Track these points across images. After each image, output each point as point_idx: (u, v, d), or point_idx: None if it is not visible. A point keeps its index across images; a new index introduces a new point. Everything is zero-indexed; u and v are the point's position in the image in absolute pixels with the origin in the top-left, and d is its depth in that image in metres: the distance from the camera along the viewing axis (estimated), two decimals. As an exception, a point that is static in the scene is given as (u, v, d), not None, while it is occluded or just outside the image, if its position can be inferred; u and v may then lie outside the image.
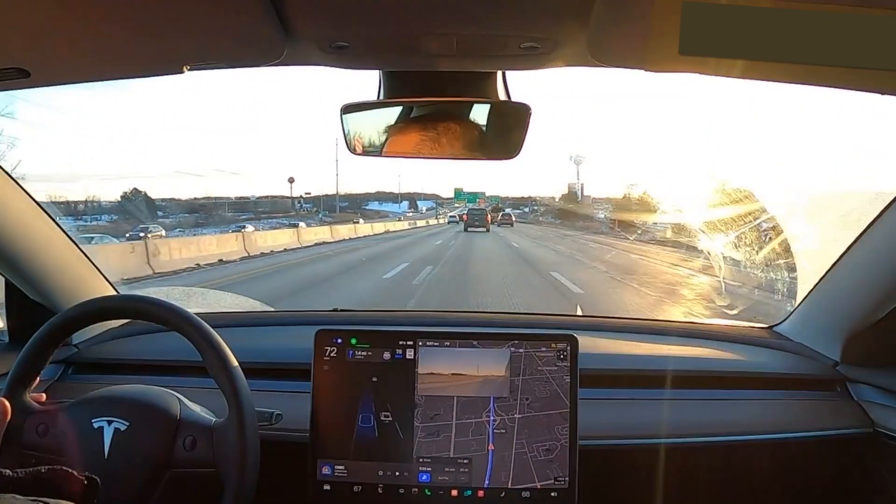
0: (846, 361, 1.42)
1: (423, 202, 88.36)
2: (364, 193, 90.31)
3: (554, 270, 12.38)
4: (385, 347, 1.18)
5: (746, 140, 13.89)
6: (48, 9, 0.78)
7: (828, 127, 4.58)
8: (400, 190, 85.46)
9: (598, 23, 0.82)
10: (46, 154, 43.17)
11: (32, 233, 1.36)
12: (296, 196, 65.33)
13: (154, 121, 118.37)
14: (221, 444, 1.03)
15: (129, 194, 47.14)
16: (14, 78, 0.97)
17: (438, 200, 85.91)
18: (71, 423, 1.05)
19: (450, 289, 10.14)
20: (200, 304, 4.22)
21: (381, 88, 1.11)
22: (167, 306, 1.07)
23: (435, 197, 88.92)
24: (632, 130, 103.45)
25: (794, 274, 1.68)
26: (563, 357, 1.17)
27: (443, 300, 8.82)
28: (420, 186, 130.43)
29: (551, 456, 1.14)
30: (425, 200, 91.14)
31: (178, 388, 1.13)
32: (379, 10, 0.84)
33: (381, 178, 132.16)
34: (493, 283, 10.60)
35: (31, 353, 1.06)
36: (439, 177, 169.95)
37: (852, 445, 1.32)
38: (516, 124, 1.11)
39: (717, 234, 4.91)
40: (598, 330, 1.62)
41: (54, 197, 30.23)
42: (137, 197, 45.07)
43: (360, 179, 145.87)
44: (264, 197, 75.11)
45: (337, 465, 1.16)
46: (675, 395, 1.38)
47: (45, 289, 1.43)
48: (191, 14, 0.82)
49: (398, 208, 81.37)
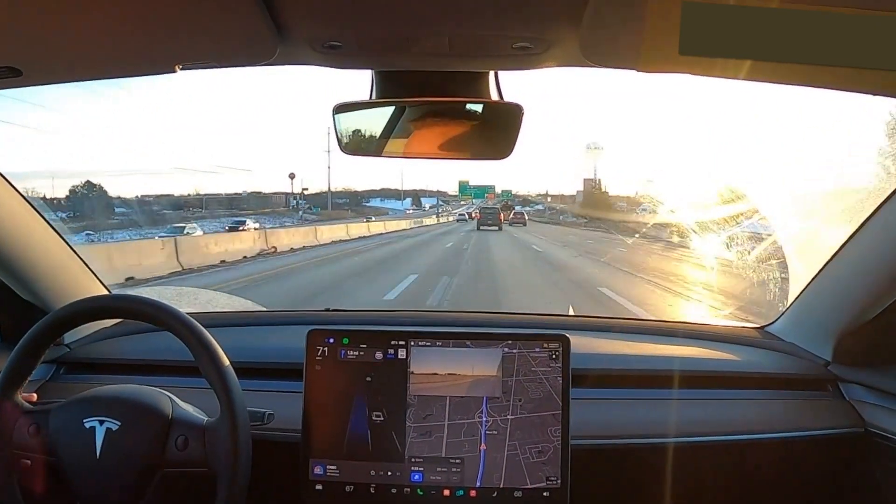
0: (837, 361, 1.43)
1: (427, 199, 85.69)
2: (368, 190, 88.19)
3: (603, 285, 9.75)
4: (377, 347, 1.18)
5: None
6: (40, 8, 0.78)
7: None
8: (403, 187, 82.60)
9: (591, 24, 0.82)
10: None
11: (24, 232, 1.36)
12: (291, 192, 63.64)
13: (145, 114, 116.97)
14: (213, 444, 1.03)
15: (82, 188, 44.28)
16: (5, 77, 0.97)
17: (444, 197, 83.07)
18: (63, 423, 1.05)
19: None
20: (192, 303, 4.21)
21: (374, 88, 1.11)
22: (159, 306, 1.07)
23: (440, 194, 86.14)
24: (650, 125, 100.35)
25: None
26: (555, 357, 1.17)
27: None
28: (424, 183, 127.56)
29: (544, 458, 1.14)
30: (429, 198, 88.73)
31: (170, 388, 1.13)
32: (371, 10, 0.84)
33: (385, 175, 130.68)
34: (533, 306, 8.11)
35: (23, 352, 1.06)
36: (444, 172, 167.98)
37: (844, 445, 1.33)
38: (509, 124, 1.11)
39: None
40: (590, 330, 1.63)
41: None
42: (91, 192, 42.41)
43: (362, 176, 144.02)
44: (256, 193, 72.44)
45: (329, 465, 1.16)
46: (666, 395, 1.38)
47: (37, 288, 1.43)
48: (183, 14, 0.82)
49: (401, 206, 79.03)
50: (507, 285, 10.29)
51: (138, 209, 39.13)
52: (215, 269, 12.67)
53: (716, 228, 5.50)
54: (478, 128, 1.13)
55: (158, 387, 1.12)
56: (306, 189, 66.77)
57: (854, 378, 1.40)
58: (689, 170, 29.44)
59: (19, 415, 1.05)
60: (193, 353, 1.04)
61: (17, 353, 1.06)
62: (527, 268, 13.50)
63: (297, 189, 65.88)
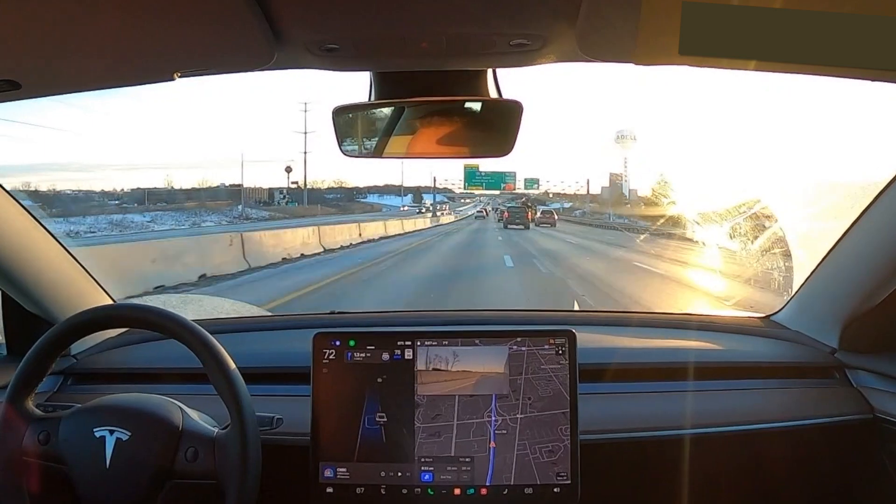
0: (844, 348, 1.43)
1: (428, 195, 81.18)
2: (370, 186, 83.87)
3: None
4: (383, 348, 1.18)
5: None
6: (37, 20, 0.78)
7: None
8: (404, 182, 78.34)
9: (587, 18, 0.82)
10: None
11: (27, 244, 1.36)
12: (277, 187, 58.58)
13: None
14: (223, 457, 1.03)
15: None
16: (4, 90, 0.97)
17: (449, 194, 79.07)
18: (72, 432, 1.05)
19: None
20: (197, 311, 4.21)
21: (373, 89, 1.11)
22: (164, 314, 1.07)
23: (446, 191, 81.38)
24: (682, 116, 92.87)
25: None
26: (562, 353, 1.17)
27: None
28: (427, 179, 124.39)
29: (554, 458, 1.15)
30: (430, 194, 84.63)
31: (177, 396, 1.13)
32: (367, 12, 0.84)
33: (386, 171, 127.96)
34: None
35: (32, 361, 1.06)
36: (450, 168, 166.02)
37: (852, 432, 1.33)
38: (508, 121, 1.11)
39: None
40: (596, 325, 1.63)
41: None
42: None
43: (362, 171, 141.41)
44: (216, 186, 57.00)
45: (339, 468, 1.16)
46: (673, 387, 1.39)
47: (42, 300, 1.43)
48: (180, 23, 0.82)
49: (399, 202, 75.12)
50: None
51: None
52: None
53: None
54: (477, 126, 1.13)
55: (166, 395, 1.12)
56: (295, 183, 62.11)
57: (861, 364, 1.40)
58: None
59: (29, 423, 1.06)
60: (201, 361, 1.05)
61: (27, 362, 1.06)
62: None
63: (291, 183, 62.74)
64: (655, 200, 17.96)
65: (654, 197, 18.66)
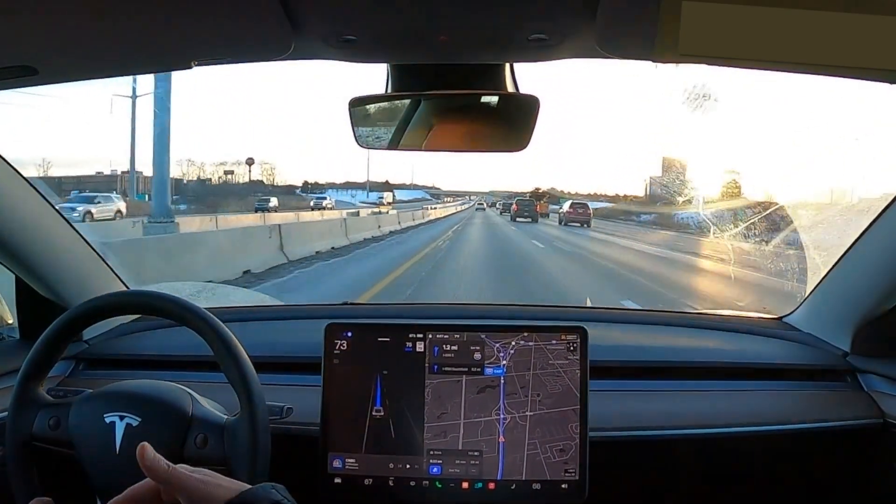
0: (856, 352, 1.42)
1: (404, 191, 75.71)
2: (329, 183, 78.10)
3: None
4: (395, 340, 1.18)
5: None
6: (55, 6, 0.78)
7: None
8: (370, 177, 71.51)
9: (606, 14, 0.81)
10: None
11: (42, 230, 1.37)
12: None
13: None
14: (233, 444, 1.03)
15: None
16: (21, 76, 0.98)
17: (433, 191, 76.31)
18: (83, 417, 1.05)
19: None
20: (210, 299, 4.23)
21: (389, 81, 1.11)
22: (177, 301, 1.08)
23: (433, 188, 78.32)
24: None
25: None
26: (573, 349, 1.17)
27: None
28: (409, 175, 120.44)
29: (566, 457, 1.14)
30: (411, 190, 79.64)
31: (188, 383, 1.14)
32: (386, 4, 0.84)
33: (386, 167, 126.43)
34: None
35: (43, 346, 1.07)
36: (451, 166, 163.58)
37: (862, 436, 1.32)
38: (525, 116, 1.11)
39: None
40: (607, 321, 1.62)
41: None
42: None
43: (325, 166, 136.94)
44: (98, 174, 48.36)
45: (348, 459, 1.16)
46: (684, 386, 1.38)
47: (56, 285, 1.44)
48: (198, 10, 0.82)
49: (353, 198, 63.88)
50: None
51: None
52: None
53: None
54: (494, 120, 1.13)
55: (177, 382, 1.13)
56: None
57: (872, 368, 1.39)
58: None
59: (39, 407, 1.06)
60: (213, 350, 1.05)
61: (38, 346, 1.07)
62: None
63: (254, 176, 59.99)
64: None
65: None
